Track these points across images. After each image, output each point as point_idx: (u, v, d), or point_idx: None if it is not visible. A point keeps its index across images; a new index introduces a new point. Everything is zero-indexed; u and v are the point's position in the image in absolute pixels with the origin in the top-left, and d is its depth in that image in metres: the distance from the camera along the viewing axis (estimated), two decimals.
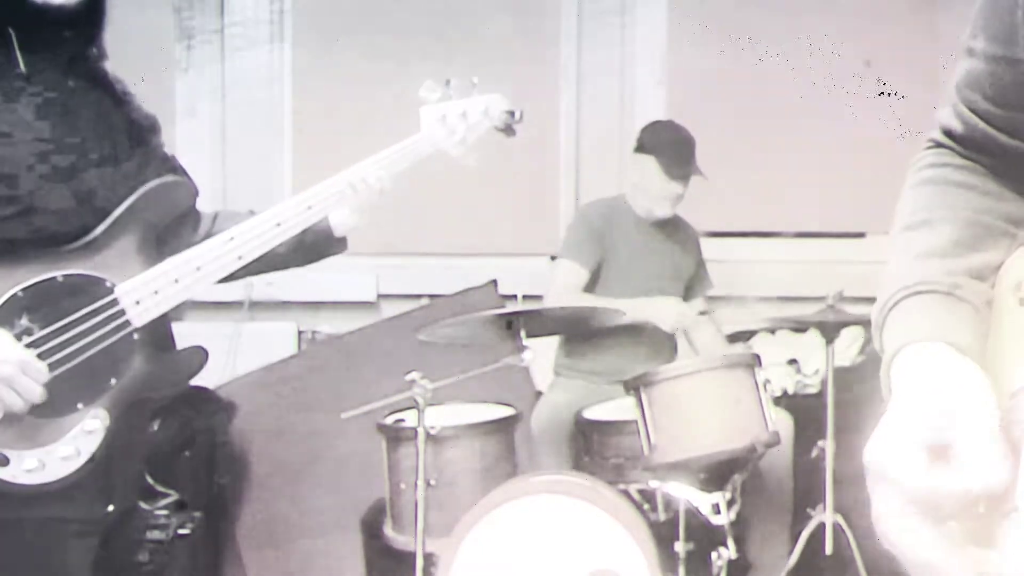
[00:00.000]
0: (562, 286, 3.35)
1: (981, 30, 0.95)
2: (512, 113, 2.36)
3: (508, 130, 2.38)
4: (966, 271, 0.93)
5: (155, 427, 3.23)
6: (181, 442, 3.38)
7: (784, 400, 3.58)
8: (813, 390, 3.71)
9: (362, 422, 2.85)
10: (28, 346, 1.79)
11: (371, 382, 3.31)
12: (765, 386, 2.80)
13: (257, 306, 4.08)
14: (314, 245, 2.19)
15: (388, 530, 2.91)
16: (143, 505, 3.14)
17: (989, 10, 0.94)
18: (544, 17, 4.30)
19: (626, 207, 3.45)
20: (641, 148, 3.42)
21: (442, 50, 4.07)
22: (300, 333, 4.22)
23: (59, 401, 1.82)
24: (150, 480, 3.20)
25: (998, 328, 0.89)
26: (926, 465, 0.78)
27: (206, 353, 1.99)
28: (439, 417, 2.76)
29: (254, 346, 3.94)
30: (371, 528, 3.26)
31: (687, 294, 3.53)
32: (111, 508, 1.93)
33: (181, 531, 3.11)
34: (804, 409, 3.41)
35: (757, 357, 2.88)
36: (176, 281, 1.93)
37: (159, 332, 1.96)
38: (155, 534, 3.07)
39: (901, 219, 1.00)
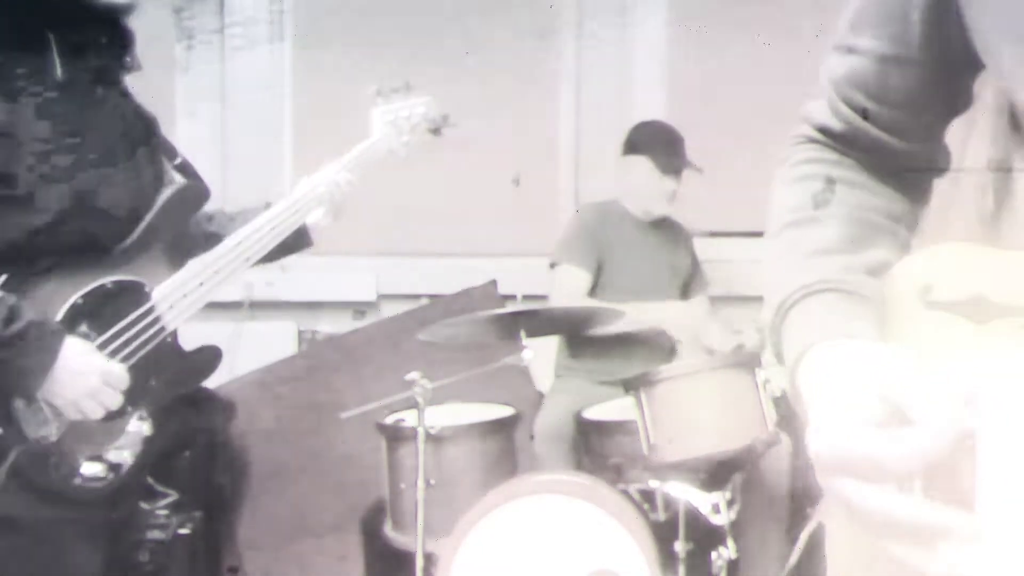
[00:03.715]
0: (567, 292, 3.34)
1: (868, 28, 0.92)
2: (445, 117, 2.60)
3: (437, 131, 2.60)
4: (863, 268, 0.89)
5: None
6: (181, 442, 3.38)
7: (784, 400, 3.58)
8: None
9: (362, 422, 2.85)
10: None
11: (371, 382, 3.32)
12: (765, 386, 2.80)
13: (257, 306, 4.07)
14: (288, 244, 2.25)
15: (388, 530, 2.91)
16: (143, 505, 3.14)
17: (879, 8, 0.91)
18: (544, 17, 4.29)
19: (621, 210, 3.46)
20: (632, 149, 3.43)
21: (442, 50, 4.07)
22: (300, 333, 4.21)
23: None
24: (150, 480, 3.20)
25: (897, 335, 0.83)
26: (886, 436, 0.70)
27: (220, 352, 2.05)
28: (439, 417, 2.76)
29: (254, 346, 3.94)
30: (371, 528, 3.26)
31: (685, 293, 3.54)
32: (123, 509, 1.95)
33: (181, 531, 3.11)
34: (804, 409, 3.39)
35: (757, 357, 2.88)
36: (201, 284, 1.99)
37: (172, 333, 2.00)
38: (155, 534, 3.06)
39: (781, 217, 0.95)
